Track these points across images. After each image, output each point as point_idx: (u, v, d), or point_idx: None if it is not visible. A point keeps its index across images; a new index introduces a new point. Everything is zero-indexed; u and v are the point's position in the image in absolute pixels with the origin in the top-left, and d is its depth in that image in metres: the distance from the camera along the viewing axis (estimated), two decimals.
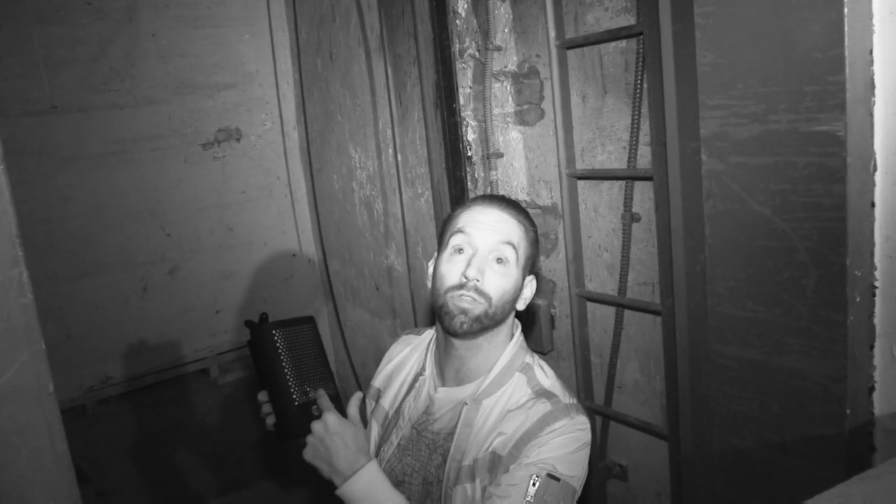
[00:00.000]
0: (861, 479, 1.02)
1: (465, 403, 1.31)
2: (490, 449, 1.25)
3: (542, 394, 1.30)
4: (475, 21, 2.21)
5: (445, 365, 1.39)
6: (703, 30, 1.37)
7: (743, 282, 1.40)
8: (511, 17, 2.09)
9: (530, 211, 2.18)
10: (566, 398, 1.31)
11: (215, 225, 3.29)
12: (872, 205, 1.25)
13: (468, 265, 1.27)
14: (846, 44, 1.17)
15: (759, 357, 1.39)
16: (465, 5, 2.24)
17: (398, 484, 1.35)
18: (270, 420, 1.42)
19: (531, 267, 1.36)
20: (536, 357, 1.39)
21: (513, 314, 1.37)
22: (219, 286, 3.32)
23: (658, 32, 1.53)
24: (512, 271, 1.30)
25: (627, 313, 1.95)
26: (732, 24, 1.32)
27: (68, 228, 2.93)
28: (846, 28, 1.16)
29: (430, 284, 1.36)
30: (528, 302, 1.37)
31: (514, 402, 1.29)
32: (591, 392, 2.05)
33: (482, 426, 1.29)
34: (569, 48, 1.90)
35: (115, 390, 3.05)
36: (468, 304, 1.27)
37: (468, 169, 2.38)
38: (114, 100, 2.99)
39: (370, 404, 1.54)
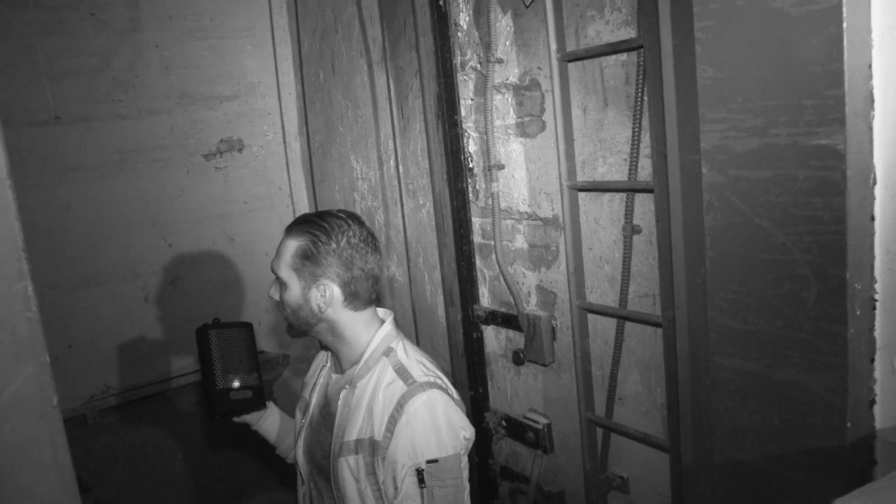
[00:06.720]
0: (862, 492, 1.02)
1: (345, 387, 1.57)
2: (369, 434, 1.48)
3: (400, 373, 1.51)
4: (477, 34, 2.23)
5: (335, 356, 1.66)
6: (703, 44, 1.38)
7: (743, 294, 1.40)
8: (512, 29, 2.11)
9: (531, 223, 2.19)
10: (423, 377, 1.50)
11: (217, 235, 3.30)
12: (872, 218, 1.25)
13: None
14: (845, 58, 1.17)
15: (760, 369, 1.39)
16: (467, 18, 2.25)
17: (312, 458, 1.67)
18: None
19: (325, 274, 1.52)
20: (404, 341, 1.61)
21: (346, 312, 1.55)
22: (220, 296, 3.32)
23: (658, 46, 1.54)
24: (286, 286, 1.54)
25: (628, 325, 1.95)
26: (732, 38, 1.33)
27: (70, 238, 2.93)
28: (845, 42, 1.17)
29: None
30: (330, 303, 1.53)
31: (382, 383, 1.51)
32: (592, 404, 2.05)
33: (357, 405, 1.53)
34: (570, 61, 1.91)
35: (116, 400, 3.04)
36: (283, 315, 1.60)
37: (469, 180, 2.39)
38: (116, 110, 3.00)
39: (301, 399, 1.81)
